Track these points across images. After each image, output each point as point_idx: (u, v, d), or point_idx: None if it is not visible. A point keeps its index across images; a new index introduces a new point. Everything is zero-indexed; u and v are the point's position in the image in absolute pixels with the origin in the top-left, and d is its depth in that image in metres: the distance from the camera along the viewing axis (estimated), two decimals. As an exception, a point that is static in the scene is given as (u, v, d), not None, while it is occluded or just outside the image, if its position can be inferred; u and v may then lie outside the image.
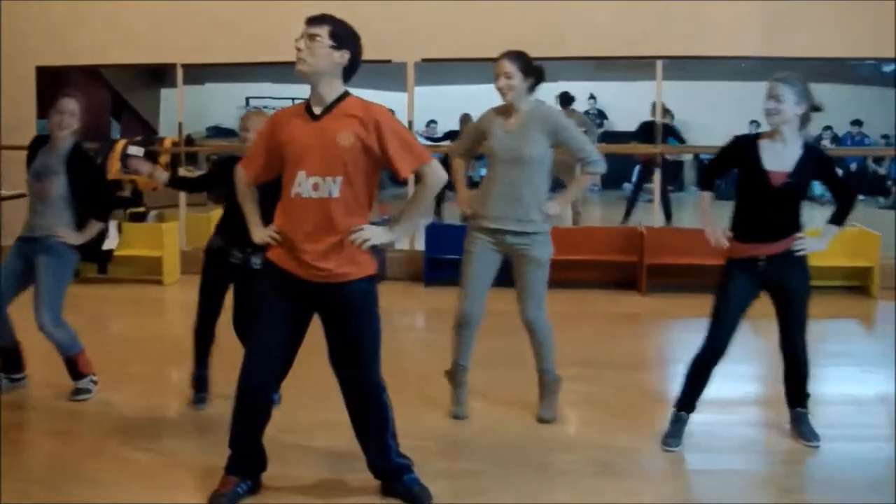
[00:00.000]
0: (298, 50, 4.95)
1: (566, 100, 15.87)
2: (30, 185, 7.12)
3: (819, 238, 6.05)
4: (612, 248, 11.99)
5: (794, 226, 5.95)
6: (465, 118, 12.47)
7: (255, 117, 6.80)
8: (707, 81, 14.45)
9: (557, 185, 7.25)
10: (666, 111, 13.20)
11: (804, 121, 5.90)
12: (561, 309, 10.38)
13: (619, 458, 6.02)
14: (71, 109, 7.04)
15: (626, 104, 16.38)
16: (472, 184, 7.37)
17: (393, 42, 11.92)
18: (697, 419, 6.30)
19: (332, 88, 5.05)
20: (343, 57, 5.02)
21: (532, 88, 6.49)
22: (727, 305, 5.98)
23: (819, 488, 5.60)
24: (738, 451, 6.17)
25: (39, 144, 7.19)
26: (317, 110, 5.04)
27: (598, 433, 6.52)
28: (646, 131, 15.08)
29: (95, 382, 7.31)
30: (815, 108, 5.92)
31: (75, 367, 7.23)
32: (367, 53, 5.20)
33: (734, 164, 6.09)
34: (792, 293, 5.99)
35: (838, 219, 6.07)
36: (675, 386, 6.35)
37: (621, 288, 11.70)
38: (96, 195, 7.27)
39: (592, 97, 22.46)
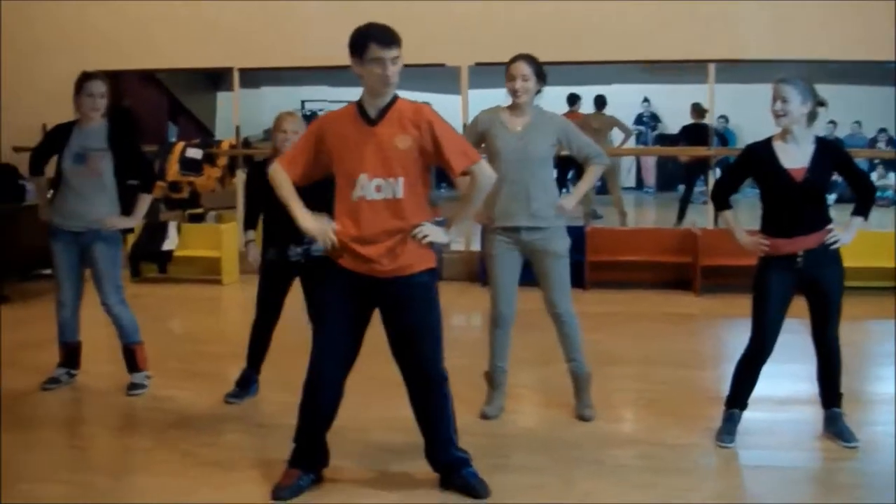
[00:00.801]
0: (388, 77, 5.04)
1: (573, 100, 16.04)
2: (69, 170, 7.19)
3: (846, 231, 6.04)
4: (666, 249, 12.04)
5: (823, 219, 5.98)
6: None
7: (289, 118, 6.91)
8: (762, 84, 14.46)
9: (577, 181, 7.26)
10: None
11: (811, 118, 5.94)
12: (615, 309, 10.50)
13: (672, 454, 6.06)
14: (101, 91, 7.18)
15: (681, 107, 16.37)
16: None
17: (446, 46, 12.01)
18: (752, 416, 6.32)
19: (390, 95, 5.19)
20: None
21: (539, 92, 6.57)
22: (768, 304, 5.99)
23: (872, 486, 5.58)
24: (791, 448, 6.18)
25: (62, 132, 7.28)
26: (372, 114, 5.14)
27: (651, 430, 6.56)
28: (688, 134, 15.17)
29: (150, 378, 7.48)
30: (820, 104, 5.96)
31: (133, 359, 7.41)
32: (422, 57, 5.31)
33: (751, 173, 6.13)
34: (827, 289, 5.99)
35: (862, 210, 6.07)
36: (728, 384, 6.36)
37: (676, 289, 11.74)
38: (139, 166, 7.46)
39: (646, 100, 22.50)
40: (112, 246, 7.30)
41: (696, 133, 14.33)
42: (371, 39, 5.03)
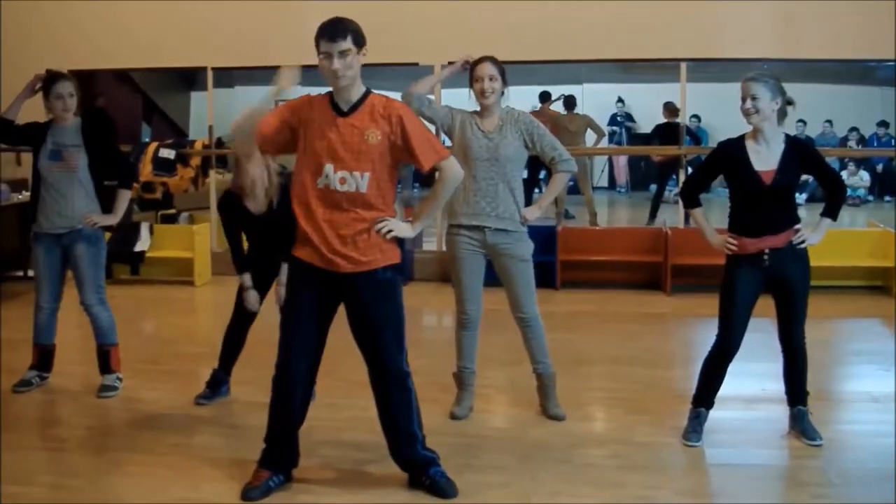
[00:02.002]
0: (335, 70, 5.05)
1: (545, 97, 16.13)
2: (46, 168, 7.19)
3: (814, 232, 6.07)
4: (637, 248, 12.05)
5: (791, 219, 6.01)
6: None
7: None
8: (734, 84, 14.54)
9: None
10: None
11: (781, 115, 5.98)
12: (586, 308, 10.54)
13: (642, 452, 6.11)
14: (69, 91, 7.20)
15: (654, 106, 16.47)
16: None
17: (420, 45, 12.02)
18: (720, 415, 6.38)
19: (358, 87, 5.21)
20: (364, 55, 5.19)
21: (503, 93, 6.61)
22: (735, 303, 6.04)
23: (838, 483, 5.63)
24: (758, 446, 6.23)
25: (39, 128, 7.28)
26: (343, 107, 5.18)
27: (620, 429, 6.61)
28: (660, 133, 15.29)
29: (121, 380, 7.49)
30: (789, 102, 6.01)
31: (107, 360, 7.43)
32: (396, 56, 5.34)
33: (721, 171, 6.17)
34: (793, 287, 6.03)
35: (831, 211, 6.11)
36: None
37: (646, 288, 11.77)
38: (117, 163, 7.50)
39: (620, 100, 22.60)
40: (94, 246, 7.32)
41: (668, 132, 14.41)
42: (319, 34, 5.11)
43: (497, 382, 7.56)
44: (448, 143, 6.69)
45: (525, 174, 6.71)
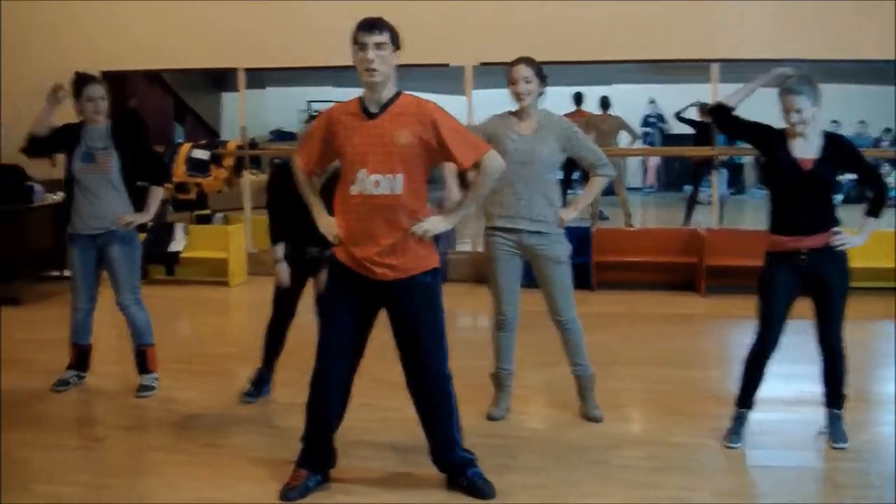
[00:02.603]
0: (370, 61, 5.05)
1: (578, 99, 16.12)
2: (79, 170, 7.21)
3: (858, 233, 6.02)
4: (672, 249, 12.03)
5: (830, 219, 5.97)
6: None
7: None
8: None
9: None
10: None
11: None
12: (621, 310, 10.52)
13: (677, 454, 6.09)
14: (101, 94, 7.23)
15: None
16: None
17: (451, 46, 12.03)
18: (759, 417, 6.35)
19: (389, 88, 5.20)
20: (398, 56, 5.19)
21: (541, 93, 6.58)
22: (773, 300, 6.02)
23: (874, 486, 5.59)
24: (795, 448, 6.20)
25: (72, 131, 7.29)
26: (373, 109, 5.17)
27: (656, 430, 6.60)
28: (694, 133, 15.30)
29: (157, 380, 7.53)
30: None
31: (144, 360, 7.47)
32: (426, 57, 5.32)
33: (762, 142, 6.10)
34: (831, 288, 5.99)
35: (874, 210, 6.03)
36: (733, 383, 6.39)
37: (681, 289, 11.73)
38: (149, 163, 7.54)
39: (652, 101, 22.55)
40: (130, 247, 7.35)
41: (701, 132, 14.40)
42: (357, 27, 5.11)
43: (534, 383, 7.55)
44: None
45: (559, 175, 6.65)
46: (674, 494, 5.45)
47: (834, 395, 6.23)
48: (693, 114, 15.49)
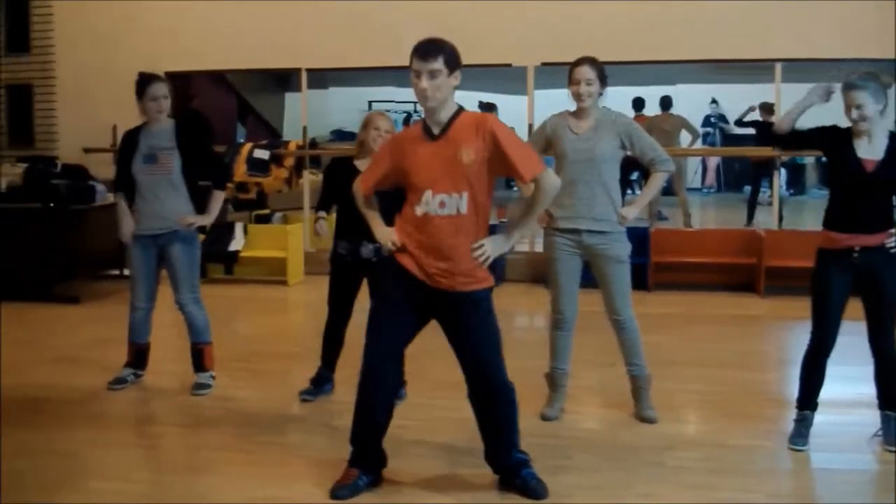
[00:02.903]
0: (423, 90, 5.07)
1: (639, 104, 16.04)
2: (140, 171, 7.27)
3: None
4: (731, 250, 11.97)
5: (887, 219, 5.91)
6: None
7: (381, 117, 6.94)
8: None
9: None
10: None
11: (883, 110, 5.87)
12: (678, 311, 10.48)
13: (734, 455, 6.05)
14: (163, 93, 7.27)
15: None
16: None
17: (513, 46, 12.03)
18: (816, 419, 6.27)
19: (450, 107, 5.20)
20: (457, 78, 5.17)
21: (601, 94, 6.55)
22: (826, 297, 5.98)
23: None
24: (851, 450, 6.14)
25: (131, 137, 7.37)
26: (435, 130, 5.18)
27: (713, 432, 6.56)
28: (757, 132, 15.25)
29: (214, 378, 7.58)
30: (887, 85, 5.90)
31: (201, 358, 7.52)
32: (488, 57, 5.31)
33: (826, 146, 6.05)
34: (884, 289, 5.93)
35: None
36: (792, 386, 6.36)
37: (740, 290, 11.68)
38: (211, 165, 7.61)
39: (714, 101, 22.42)
40: (190, 246, 7.42)
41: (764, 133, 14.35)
42: (413, 52, 5.11)
43: (588, 383, 7.54)
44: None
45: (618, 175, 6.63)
46: (729, 496, 5.41)
47: (887, 396, 6.17)
48: (755, 115, 15.43)
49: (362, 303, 6.90)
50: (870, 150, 5.86)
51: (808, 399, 6.22)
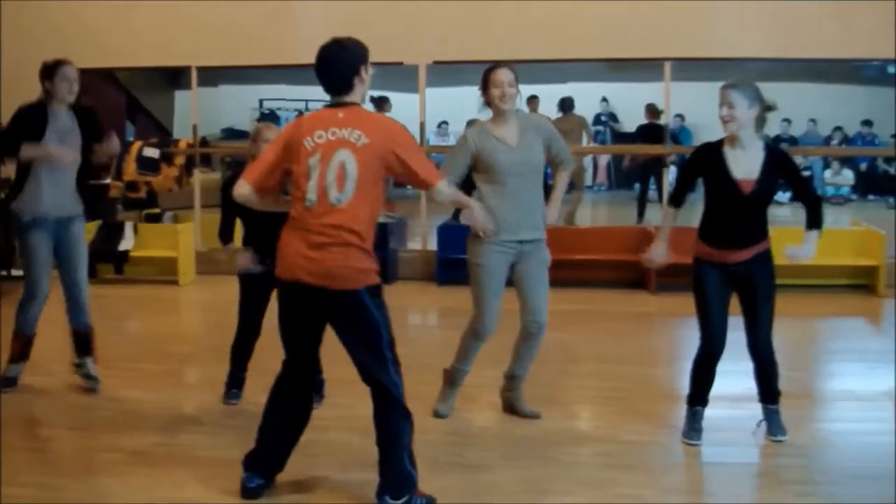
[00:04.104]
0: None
1: (567, 105, 16.09)
2: (50, 152, 7.06)
3: (804, 246, 6.04)
4: (622, 247, 12.02)
5: (761, 232, 6.01)
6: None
7: (268, 129, 6.84)
8: (718, 83, 14.54)
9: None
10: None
11: (760, 122, 5.96)
12: (573, 307, 10.53)
13: (630, 451, 6.12)
14: (75, 76, 7.26)
15: (638, 105, 16.54)
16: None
17: (404, 44, 12.02)
18: (706, 414, 6.32)
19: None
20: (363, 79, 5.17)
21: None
22: (709, 302, 6.07)
23: (821, 481, 5.64)
24: (742, 444, 6.23)
25: (36, 115, 7.16)
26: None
27: (608, 427, 6.61)
28: (644, 133, 15.46)
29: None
30: (769, 108, 5.97)
31: (88, 342, 7.37)
32: (379, 55, 5.27)
33: (701, 173, 6.10)
34: (759, 291, 6.03)
35: (814, 222, 6.04)
36: (683, 381, 6.46)
37: (632, 287, 11.80)
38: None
39: (605, 100, 22.64)
40: (82, 226, 7.35)
41: (651, 132, 14.57)
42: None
43: (483, 381, 7.51)
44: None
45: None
46: (625, 492, 5.46)
47: (767, 392, 6.28)
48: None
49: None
50: (745, 167, 5.90)
51: (698, 397, 6.29)
